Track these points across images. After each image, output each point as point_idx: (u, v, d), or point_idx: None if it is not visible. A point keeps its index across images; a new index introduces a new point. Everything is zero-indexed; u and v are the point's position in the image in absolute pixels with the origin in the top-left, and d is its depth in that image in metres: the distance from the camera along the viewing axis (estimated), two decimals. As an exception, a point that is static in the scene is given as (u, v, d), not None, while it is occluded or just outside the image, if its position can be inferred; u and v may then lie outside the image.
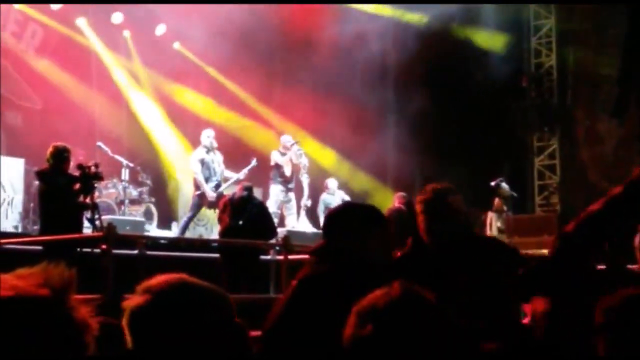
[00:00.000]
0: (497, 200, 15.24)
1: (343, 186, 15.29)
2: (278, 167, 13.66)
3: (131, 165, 14.16)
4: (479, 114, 16.81)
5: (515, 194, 15.76)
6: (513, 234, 14.92)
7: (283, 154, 13.72)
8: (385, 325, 1.86)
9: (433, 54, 16.55)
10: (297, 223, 13.73)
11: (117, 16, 16.89)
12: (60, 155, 9.55)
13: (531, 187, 18.52)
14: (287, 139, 14.00)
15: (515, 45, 18.14)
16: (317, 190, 14.72)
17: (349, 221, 3.48)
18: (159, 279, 2.01)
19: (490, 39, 17.53)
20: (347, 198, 14.83)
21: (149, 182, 14.93)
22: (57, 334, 1.21)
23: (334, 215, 3.63)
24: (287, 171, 13.69)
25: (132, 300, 1.98)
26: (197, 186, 12.83)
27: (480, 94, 16.95)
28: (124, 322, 1.96)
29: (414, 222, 12.57)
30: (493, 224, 15.08)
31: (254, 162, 13.38)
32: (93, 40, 16.88)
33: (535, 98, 18.30)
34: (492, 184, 15.24)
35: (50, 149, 9.62)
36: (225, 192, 12.53)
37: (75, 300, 1.27)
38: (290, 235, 11.16)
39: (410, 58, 16.55)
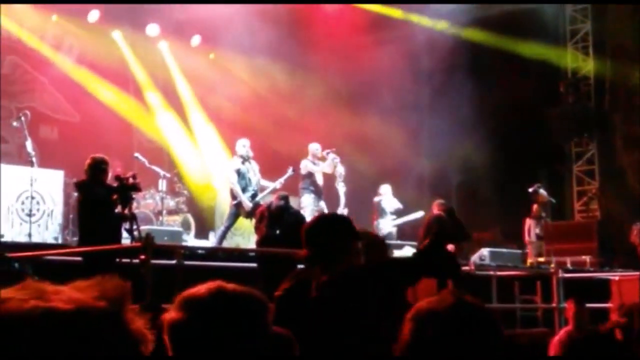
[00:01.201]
0: (535, 207, 15.11)
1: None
2: (310, 175, 13.61)
3: (168, 175, 14.25)
4: (515, 121, 16.69)
5: (553, 200, 15.63)
6: (552, 241, 14.78)
7: (314, 163, 13.67)
8: (447, 329, 1.92)
9: (468, 60, 16.48)
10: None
11: (153, 28, 17.04)
12: (98, 167, 9.62)
13: (570, 193, 18.34)
14: (316, 147, 13.94)
15: (551, 50, 18.00)
16: (354, 200, 14.71)
17: (337, 230, 3.93)
18: (195, 289, 2.02)
19: (526, 45, 17.40)
20: (400, 205, 14.88)
21: (185, 192, 15.01)
22: (115, 346, 1.21)
23: (320, 224, 4.08)
24: (319, 180, 13.66)
25: (170, 314, 1.98)
26: (234, 196, 12.85)
27: (517, 100, 16.82)
28: (164, 334, 1.97)
29: (454, 228, 12.62)
30: (532, 231, 14.96)
31: (290, 172, 13.36)
32: (128, 53, 17.04)
33: (573, 104, 18.13)
34: (530, 190, 15.12)
35: (88, 161, 9.70)
36: (261, 202, 12.55)
37: (131, 311, 1.27)
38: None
39: (446, 66, 16.49)
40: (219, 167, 16.54)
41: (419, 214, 14.81)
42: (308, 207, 13.38)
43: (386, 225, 14.85)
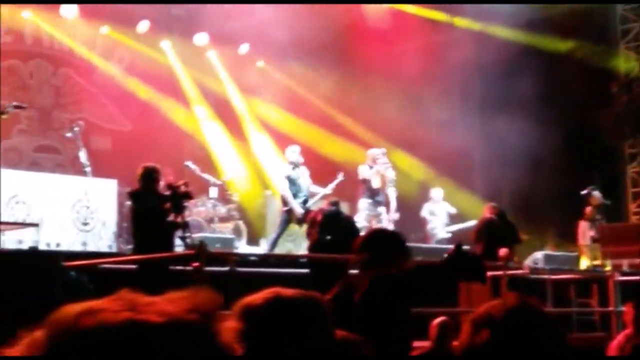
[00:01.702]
0: (589, 209, 14.90)
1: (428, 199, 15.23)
2: (366, 181, 13.61)
3: (219, 183, 14.33)
4: (568, 123, 16.48)
5: (608, 202, 15.39)
6: (607, 243, 14.55)
7: (371, 168, 13.67)
8: (501, 331, 1.92)
9: (519, 62, 16.31)
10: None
11: (201, 37, 17.18)
12: (150, 176, 9.72)
13: (624, 195, 18.06)
14: (374, 152, 13.94)
15: (602, 51, 17.74)
16: (406, 204, 14.69)
17: (396, 243, 4.44)
18: (253, 297, 2.01)
19: (577, 46, 17.18)
20: (452, 210, 14.88)
21: (236, 199, 15.08)
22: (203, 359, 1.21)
23: (378, 236, 4.62)
24: (376, 184, 13.62)
25: (229, 323, 1.98)
26: (285, 202, 12.88)
27: (569, 102, 16.61)
28: None
29: (506, 231, 12.49)
30: (586, 233, 14.75)
31: (340, 177, 13.38)
32: (177, 62, 17.21)
33: (626, 104, 17.84)
34: (584, 192, 14.91)
35: (139, 170, 9.81)
36: (312, 207, 12.56)
37: (221, 325, 1.28)
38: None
39: (496, 68, 16.34)
40: (270, 174, 16.60)
41: (471, 222, 14.75)
42: (363, 211, 13.38)
43: (439, 231, 14.80)
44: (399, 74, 16.73)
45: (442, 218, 14.97)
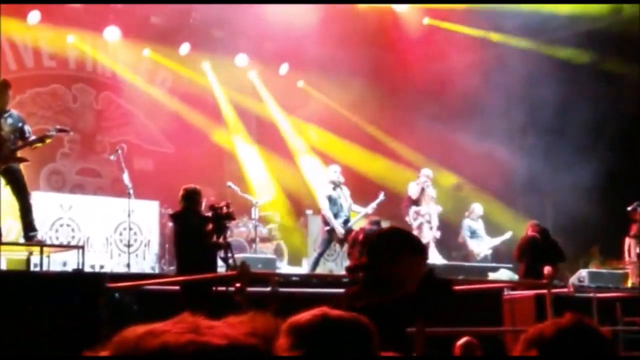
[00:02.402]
0: (634, 226, 14.70)
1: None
2: (410, 199, 13.82)
3: (260, 203, 14.38)
4: (614, 139, 16.27)
5: (653, 218, 15.17)
6: (654, 260, 14.35)
7: (417, 185, 13.91)
8: (550, 351, 1.90)
9: (567, 81, 16.14)
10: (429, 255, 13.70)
11: (242, 58, 17.29)
12: (192, 197, 9.79)
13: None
14: (423, 171, 14.10)
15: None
16: (446, 223, 14.64)
17: (398, 245, 3.78)
18: (300, 316, 2.02)
19: (621, 62, 16.97)
20: (491, 241, 14.98)
21: (277, 219, 15.12)
22: None
23: (379, 235, 4.02)
24: (421, 202, 13.82)
25: (279, 342, 1.99)
26: (326, 222, 12.89)
27: (615, 119, 16.40)
28: None
29: (549, 249, 12.33)
30: (632, 250, 14.55)
31: (381, 197, 13.37)
32: (217, 83, 17.34)
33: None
34: (629, 208, 14.72)
35: (181, 192, 9.88)
36: (354, 227, 12.55)
37: (278, 347, 1.30)
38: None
39: (541, 85, 16.22)
40: (312, 193, 16.63)
41: (508, 234, 14.78)
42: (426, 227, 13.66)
43: (481, 249, 14.73)
44: (441, 93, 16.69)
45: (482, 236, 14.94)
